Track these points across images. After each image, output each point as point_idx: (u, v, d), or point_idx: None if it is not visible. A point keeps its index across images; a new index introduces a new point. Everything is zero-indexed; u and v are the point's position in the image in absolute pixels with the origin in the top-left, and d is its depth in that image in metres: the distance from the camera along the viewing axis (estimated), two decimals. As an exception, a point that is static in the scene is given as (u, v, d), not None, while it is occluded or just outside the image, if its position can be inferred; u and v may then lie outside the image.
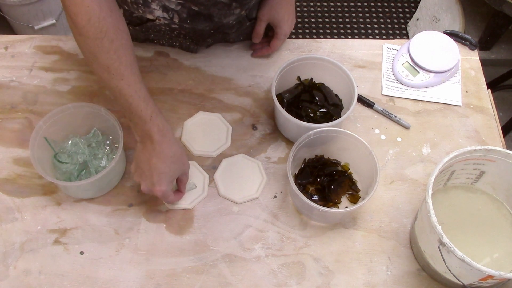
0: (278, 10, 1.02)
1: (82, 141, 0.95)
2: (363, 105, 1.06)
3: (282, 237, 0.91)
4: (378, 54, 1.14)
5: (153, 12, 0.93)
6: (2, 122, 1.01)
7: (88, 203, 0.93)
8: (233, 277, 0.87)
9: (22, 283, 0.85)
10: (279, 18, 1.03)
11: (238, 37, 1.12)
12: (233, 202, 0.94)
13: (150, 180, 0.83)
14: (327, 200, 0.93)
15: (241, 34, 1.10)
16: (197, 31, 1.00)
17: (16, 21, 2.03)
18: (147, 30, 1.05)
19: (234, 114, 1.04)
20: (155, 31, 1.04)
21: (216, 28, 1.02)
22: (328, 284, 0.87)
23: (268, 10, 1.03)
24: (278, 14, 1.03)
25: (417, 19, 2.29)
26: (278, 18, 1.03)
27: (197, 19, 0.95)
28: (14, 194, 0.93)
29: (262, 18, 1.04)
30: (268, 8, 1.02)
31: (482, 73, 1.12)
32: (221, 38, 1.10)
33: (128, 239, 0.89)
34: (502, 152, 0.84)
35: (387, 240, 0.91)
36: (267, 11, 1.03)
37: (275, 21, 1.04)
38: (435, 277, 0.87)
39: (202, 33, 1.02)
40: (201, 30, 1.00)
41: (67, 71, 1.08)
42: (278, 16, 1.03)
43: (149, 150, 0.82)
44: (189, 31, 1.01)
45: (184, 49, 1.10)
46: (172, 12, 0.93)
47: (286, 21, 1.04)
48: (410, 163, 0.99)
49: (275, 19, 1.03)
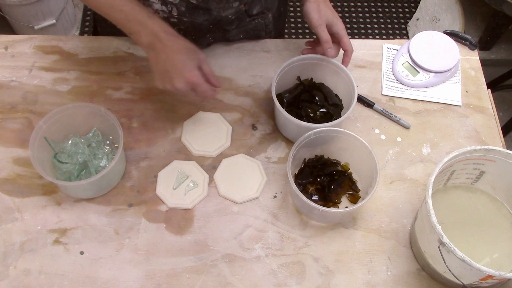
0: (326, 10, 0.99)
1: (82, 141, 0.95)
2: (363, 105, 1.06)
3: (282, 237, 0.91)
4: (378, 54, 1.14)
5: (152, 5, 0.94)
6: (2, 122, 1.01)
7: (88, 203, 0.93)
8: (233, 277, 0.87)
9: (22, 283, 0.85)
10: (332, 16, 0.99)
11: (238, 35, 1.11)
12: (233, 202, 0.94)
13: (178, 73, 0.82)
14: (327, 200, 0.93)
15: (241, 31, 1.10)
16: (196, 25, 1.00)
17: (16, 21, 2.03)
18: None
19: (234, 114, 1.04)
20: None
21: (215, 23, 1.01)
22: (328, 284, 0.87)
23: (319, 14, 0.98)
24: (328, 13, 0.99)
25: (417, 19, 2.29)
26: (331, 15, 0.99)
27: (196, 12, 0.95)
28: (14, 194, 0.93)
29: (319, 22, 0.98)
30: (317, 13, 0.98)
31: (482, 73, 1.12)
32: (221, 36, 1.10)
33: (128, 239, 0.89)
34: (502, 152, 0.84)
35: (387, 240, 0.91)
36: (318, 15, 0.98)
37: (329, 19, 0.99)
38: (435, 277, 0.87)
39: (201, 27, 1.02)
40: (200, 25, 1.00)
41: (67, 71, 1.08)
42: (329, 14, 0.99)
43: (161, 49, 0.82)
44: (188, 26, 1.01)
45: None
46: (171, 6, 0.93)
47: (337, 17, 1.00)
48: (410, 163, 1.00)
49: (328, 17, 0.99)
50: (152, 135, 1.00)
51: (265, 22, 1.11)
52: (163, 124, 1.02)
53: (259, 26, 1.11)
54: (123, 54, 1.10)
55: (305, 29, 2.37)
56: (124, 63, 1.09)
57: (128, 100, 1.04)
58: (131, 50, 1.11)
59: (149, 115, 1.03)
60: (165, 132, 1.01)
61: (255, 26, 1.10)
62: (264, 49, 1.13)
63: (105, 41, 1.12)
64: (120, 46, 1.11)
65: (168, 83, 0.85)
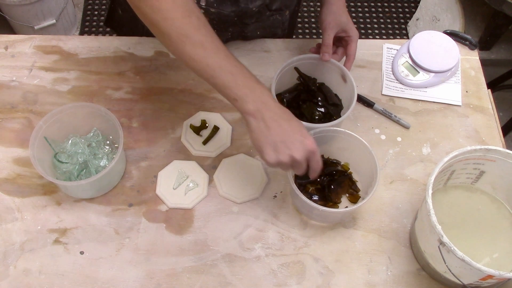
0: (341, 14, 0.99)
1: (82, 141, 0.95)
2: (363, 105, 1.06)
3: (282, 237, 0.91)
4: (378, 54, 1.14)
5: None
6: (2, 122, 1.01)
7: (88, 203, 0.93)
8: (233, 277, 0.87)
9: (22, 283, 0.85)
10: (346, 21, 0.99)
11: (255, 31, 1.10)
12: (233, 202, 0.94)
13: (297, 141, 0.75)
14: (327, 200, 0.93)
15: (259, 27, 1.09)
16: (222, 16, 0.99)
17: (16, 21, 2.03)
18: None
19: (234, 114, 1.04)
20: None
21: (240, 15, 1.01)
22: (328, 284, 0.87)
23: (333, 17, 0.98)
24: (342, 18, 0.98)
25: (417, 19, 2.30)
26: (345, 21, 0.99)
27: (224, 3, 0.94)
28: (14, 194, 0.93)
29: (329, 26, 0.97)
30: (332, 16, 0.98)
31: (482, 73, 1.12)
32: (239, 31, 1.09)
33: (128, 239, 0.89)
34: (502, 152, 0.84)
35: (387, 240, 0.91)
36: (333, 17, 0.98)
37: (343, 25, 0.99)
38: (435, 277, 0.87)
39: (226, 19, 1.01)
40: (226, 16, 0.99)
41: (67, 71, 1.08)
42: (344, 19, 0.99)
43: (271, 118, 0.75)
44: (213, 18, 1.00)
45: None
46: None
47: (351, 22, 1.00)
48: (410, 163, 1.00)
49: (342, 23, 0.98)
50: (152, 135, 1.00)
51: (282, 19, 1.11)
52: (163, 124, 1.02)
53: (276, 23, 1.11)
54: (123, 54, 1.10)
55: (305, 29, 2.37)
56: (124, 63, 1.09)
57: (128, 100, 1.04)
58: (131, 50, 1.11)
59: (149, 115, 1.03)
60: (165, 132, 1.01)
61: (272, 22, 1.10)
62: (264, 49, 1.13)
63: (105, 41, 1.12)
64: (120, 46, 1.11)
65: (284, 155, 0.76)
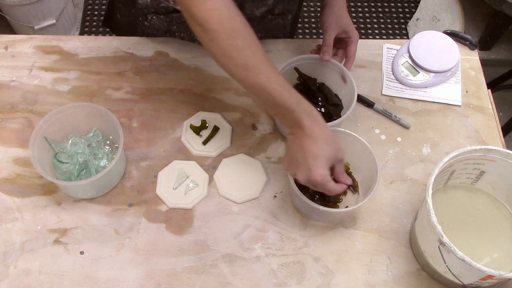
0: (342, 15, 0.99)
1: (82, 141, 0.95)
2: (363, 105, 1.06)
3: (282, 237, 0.91)
4: (378, 54, 1.14)
5: None
6: (2, 122, 1.01)
7: (88, 203, 0.93)
8: (233, 277, 0.87)
9: (22, 283, 0.85)
10: (347, 23, 0.99)
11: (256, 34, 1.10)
12: (233, 202, 0.94)
13: (306, 166, 0.78)
14: (327, 200, 0.93)
15: (260, 30, 1.08)
16: None
17: (16, 21, 2.03)
18: (171, 21, 1.04)
19: (234, 114, 1.04)
20: (179, 23, 1.03)
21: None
22: (328, 284, 0.87)
23: (334, 18, 0.99)
24: (343, 19, 0.99)
25: (417, 19, 2.30)
26: (346, 23, 0.99)
27: None
28: (14, 194, 0.93)
29: (330, 27, 0.98)
30: (333, 17, 0.99)
31: (482, 73, 1.12)
32: None
33: (128, 239, 0.89)
34: (502, 152, 0.84)
35: (387, 240, 0.91)
36: (334, 19, 0.98)
37: (344, 27, 0.99)
38: (435, 277, 0.87)
39: None
40: None
41: (67, 71, 1.08)
42: (345, 21, 0.99)
43: (300, 137, 0.79)
44: None
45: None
46: None
47: (352, 24, 1.00)
48: (410, 163, 0.99)
49: (343, 24, 0.99)
50: (152, 135, 1.00)
51: (284, 23, 1.11)
52: (163, 124, 1.02)
53: (278, 27, 1.11)
54: (123, 54, 1.10)
55: (305, 29, 2.37)
56: (124, 63, 1.09)
57: (128, 100, 1.04)
58: (131, 50, 1.11)
59: (149, 115, 1.03)
60: (165, 132, 1.01)
61: (274, 26, 1.10)
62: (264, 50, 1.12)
63: (105, 41, 1.12)
64: (120, 46, 1.11)
65: (292, 171, 0.82)
